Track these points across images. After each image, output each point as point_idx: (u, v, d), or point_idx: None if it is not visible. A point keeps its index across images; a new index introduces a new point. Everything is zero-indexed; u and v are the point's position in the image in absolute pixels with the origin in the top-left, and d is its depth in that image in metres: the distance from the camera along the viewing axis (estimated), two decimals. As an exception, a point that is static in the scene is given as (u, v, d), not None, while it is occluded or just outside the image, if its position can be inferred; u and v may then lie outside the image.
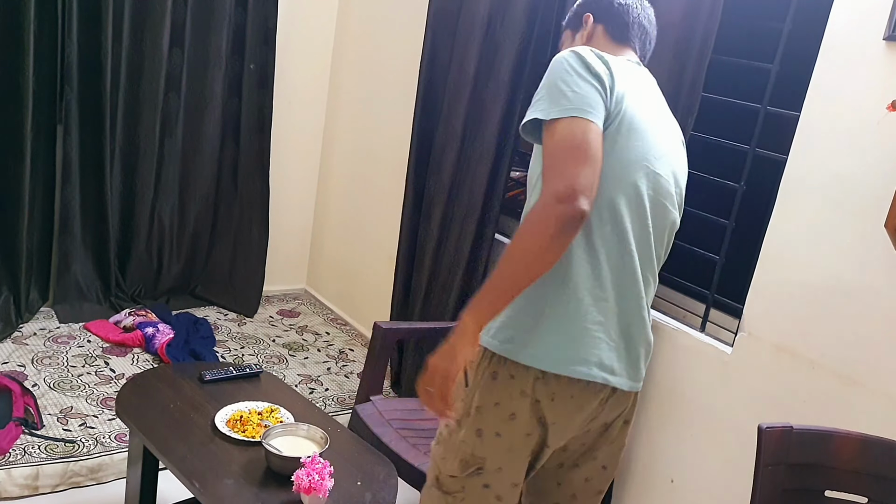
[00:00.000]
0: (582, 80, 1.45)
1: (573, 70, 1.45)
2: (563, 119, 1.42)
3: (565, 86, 1.44)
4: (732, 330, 2.28)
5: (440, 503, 1.59)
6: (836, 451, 1.54)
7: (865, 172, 1.90)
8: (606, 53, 1.53)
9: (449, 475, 1.58)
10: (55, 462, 2.48)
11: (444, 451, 1.58)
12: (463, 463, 1.55)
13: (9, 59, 3.14)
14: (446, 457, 1.58)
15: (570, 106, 1.42)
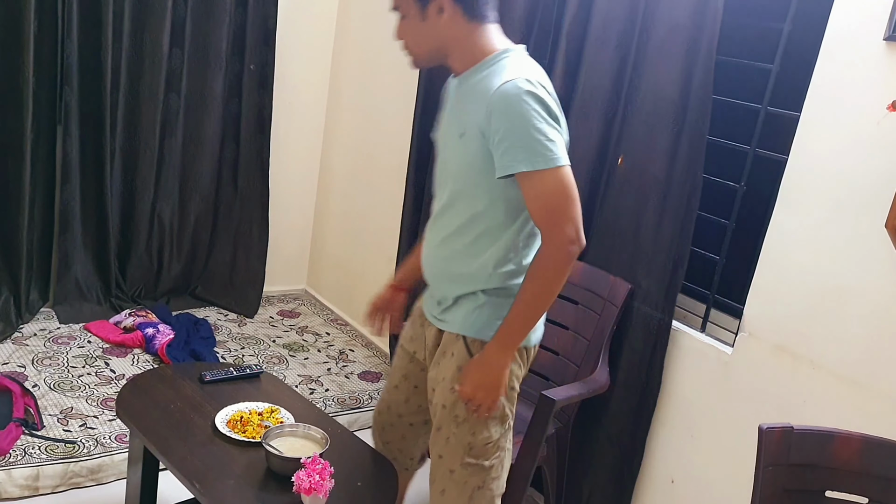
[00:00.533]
0: (551, 128, 1.62)
1: (541, 117, 1.61)
2: (550, 169, 1.60)
3: (541, 135, 1.60)
4: (733, 330, 2.28)
5: (483, 473, 1.83)
6: (837, 451, 1.54)
7: (866, 172, 1.90)
8: (536, 75, 1.66)
9: (484, 444, 1.82)
10: (55, 463, 2.48)
11: (472, 425, 1.80)
12: (497, 423, 1.82)
13: (9, 60, 3.14)
14: (476, 430, 1.80)
15: (554, 156, 1.61)
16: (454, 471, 1.83)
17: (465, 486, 1.83)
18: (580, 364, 2.39)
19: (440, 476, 1.87)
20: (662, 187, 2.33)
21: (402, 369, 2.06)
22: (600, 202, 2.52)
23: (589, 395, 2.30)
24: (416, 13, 1.73)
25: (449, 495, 1.85)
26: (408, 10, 1.74)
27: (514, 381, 1.82)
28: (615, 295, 2.34)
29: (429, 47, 1.77)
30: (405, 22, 1.76)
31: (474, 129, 1.68)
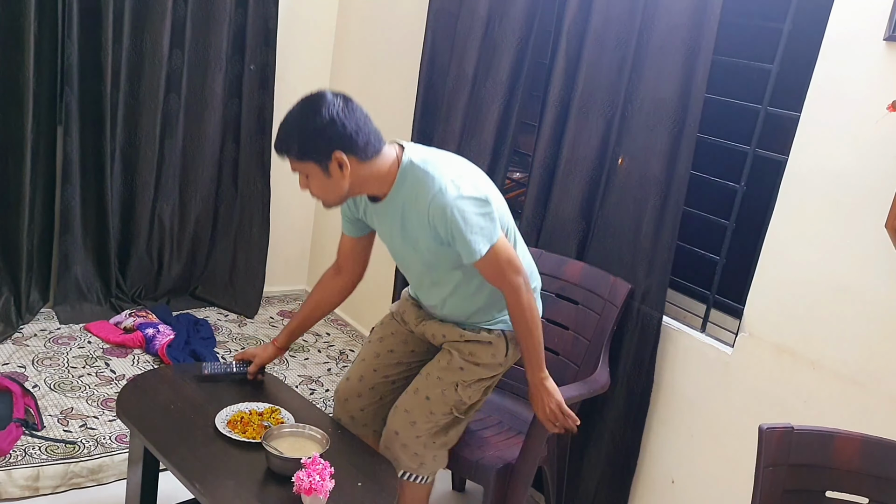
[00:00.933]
0: (479, 216, 1.89)
1: (470, 213, 1.88)
2: (491, 248, 1.91)
3: (477, 228, 1.89)
4: (733, 330, 2.28)
5: (460, 425, 2.15)
6: (837, 451, 1.54)
7: (866, 172, 1.90)
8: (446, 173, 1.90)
9: (470, 405, 2.14)
10: (56, 463, 2.48)
11: (473, 390, 2.12)
12: (487, 389, 2.17)
13: (9, 60, 3.15)
14: (473, 393, 2.13)
15: (490, 237, 1.91)
16: (434, 413, 2.10)
17: (435, 425, 2.10)
18: (580, 364, 2.39)
19: (417, 408, 2.10)
20: (653, 185, 2.34)
21: (389, 328, 2.31)
22: (600, 202, 2.51)
23: (589, 395, 2.30)
24: (319, 173, 1.89)
25: (419, 427, 2.09)
26: (310, 171, 1.90)
27: (500, 359, 2.13)
28: (615, 295, 2.34)
29: (339, 194, 1.95)
30: (312, 181, 1.92)
31: (426, 238, 1.96)
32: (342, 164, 1.87)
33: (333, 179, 1.89)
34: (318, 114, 1.86)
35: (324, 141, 1.86)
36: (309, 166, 1.88)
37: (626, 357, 2.42)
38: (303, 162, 1.88)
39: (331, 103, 1.88)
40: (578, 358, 2.40)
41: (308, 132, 1.86)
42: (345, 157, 1.87)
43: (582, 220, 2.55)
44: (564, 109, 2.57)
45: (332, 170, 1.87)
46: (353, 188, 1.94)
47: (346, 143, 1.87)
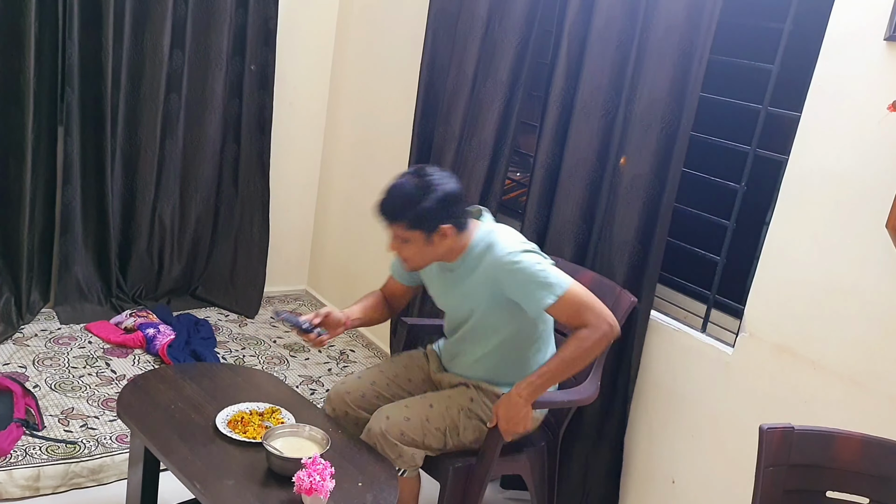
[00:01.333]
0: (543, 261, 2.06)
1: (534, 262, 2.04)
2: (571, 286, 2.03)
3: (545, 263, 2.05)
4: (733, 330, 2.28)
5: (443, 445, 2.16)
6: (838, 451, 1.54)
7: (866, 172, 1.90)
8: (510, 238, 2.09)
9: (461, 440, 2.18)
10: (56, 463, 2.48)
11: (472, 426, 2.18)
12: (481, 437, 2.20)
13: (10, 60, 3.15)
14: (471, 428, 2.18)
15: (563, 277, 2.05)
16: (429, 422, 2.12)
17: (424, 432, 2.11)
18: (576, 375, 2.35)
19: (417, 408, 2.13)
20: (649, 183, 2.35)
21: (416, 360, 2.40)
22: (601, 202, 2.52)
23: (566, 405, 2.30)
24: (422, 241, 2.04)
25: (411, 424, 2.10)
26: (413, 238, 2.04)
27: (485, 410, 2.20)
28: (617, 307, 2.29)
29: (430, 259, 2.11)
30: (409, 245, 2.06)
31: (486, 297, 2.10)
32: (446, 235, 2.04)
33: (433, 247, 2.05)
34: (440, 185, 2.01)
35: (437, 216, 2.01)
36: (415, 235, 2.03)
37: (616, 354, 2.42)
38: (410, 231, 2.02)
39: (444, 180, 2.04)
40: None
41: (428, 205, 1.99)
42: (450, 230, 2.04)
43: (583, 220, 2.55)
44: (566, 110, 2.57)
45: (435, 239, 2.04)
46: (442, 256, 2.10)
47: (457, 219, 2.05)
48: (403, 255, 2.10)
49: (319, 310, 2.20)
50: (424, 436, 2.11)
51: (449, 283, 2.20)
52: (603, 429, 2.50)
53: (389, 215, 2.03)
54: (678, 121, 2.28)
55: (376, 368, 2.38)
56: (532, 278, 2.02)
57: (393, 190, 2.04)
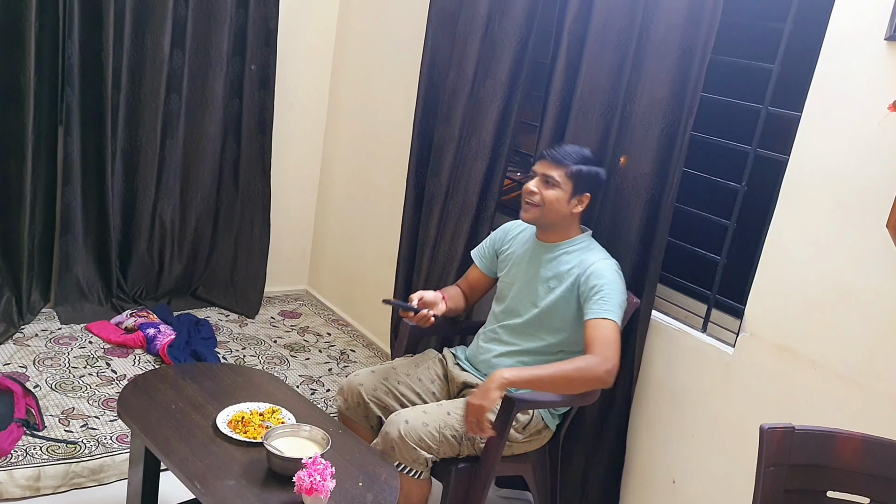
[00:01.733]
0: (622, 294, 2.22)
1: (619, 285, 2.22)
2: (619, 323, 2.17)
3: (622, 298, 2.21)
4: (734, 330, 2.28)
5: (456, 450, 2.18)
6: (838, 451, 1.54)
7: (867, 172, 1.90)
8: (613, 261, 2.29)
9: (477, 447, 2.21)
10: (57, 463, 2.48)
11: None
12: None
13: (10, 60, 3.15)
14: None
15: (621, 313, 2.20)
16: (445, 427, 2.14)
17: (442, 438, 2.12)
18: None
19: (435, 414, 2.14)
20: (649, 183, 2.35)
21: (428, 358, 2.47)
22: (600, 202, 2.51)
23: (566, 405, 2.30)
24: (568, 193, 2.25)
25: (429, 430, 2.11)
26: (563, 186, 2.25)
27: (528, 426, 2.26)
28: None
29: (556, 213, 2.27)
30: (553, 191, 2.25)
31: (562, 289, 2.25)
32: (582, 203, 2.28)
33: (567, 205, 2.26)
34: (601, 164, 2.34)
35: (592, 183, 2.28)
36: (568, 184, 2.24)
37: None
38: (567, 178, 2.24)
39: (603, 167, 2.35)
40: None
41: (594, 169, 2.29)
42: (587, 202, 2.29)
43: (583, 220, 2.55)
44: (565, 109, 2.57)
45: (573, 202, 2.27)
46: (558, 222, 2.29)
47: (594, 198, 2.32)
48: (540, 198, 2.24)
49: (413, 294, 2.35)
50: (440, 443, 2.12)
51: (537, 265, 2.33)
52: (604, 429, 2.50)
53: (562, 156, 2.25)
54: (679, 120, 2.28)
55: (388, 365, 2.40)
56: (608, 292, 2.16)
57: (571, 145, 2.34)
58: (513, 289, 2.39)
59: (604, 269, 2.21)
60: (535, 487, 2.38)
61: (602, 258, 2.26)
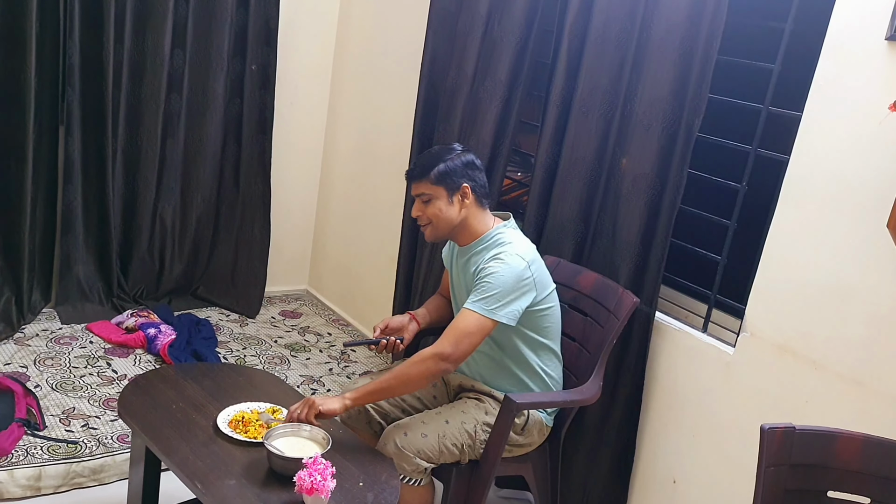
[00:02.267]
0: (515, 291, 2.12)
1: (509, 281, 2.09)
2: (484, 319, 2.09)
3: (503, 290, 2.08)
4: (734, 330, 2.28)
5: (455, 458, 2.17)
6: (839, 451, 1.54)
7: (867, 172, 1.90)
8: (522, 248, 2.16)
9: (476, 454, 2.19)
10: (57, 463, 2.48)
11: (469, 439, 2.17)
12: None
13: (11, 60, 3.15)
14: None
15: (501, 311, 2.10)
16: (445, 437, 2.12)
17: (441, 448, 2.11)
18: (579, 376, 2.36)
19: (433, 424, 2.14)
20: (651, 183, 2.35)
21: None
22: (600, 202, 2.52)
23: (566, 405, 2.30)
24: (445, 198, 2.18)
25: (428, 441, 2.10)
26: (438, 195, 2.18)
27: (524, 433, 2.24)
28: (620, 308, 2.29)
29: (450, 223, 2.20)
30: (432, 205, 2.19)
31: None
32: (466, 196, 2.18)
33: (453, 208, 2.18)
34: (464, 154, 2.22)
35: (461, 173, 2.18)
36: (439, 191, 2.17)
37: (617, 354, 2.41)
38: (436, 186, 2.17)
39: (471, 152, 2.26)
40: (579, 370, 2.36)
41: (452, 163, 2.18)
42: (470, 192, 2.19)
43: (581, 219, 2.56)
44: (566, 109, 2.57)
45: (455, 199, 2.18)
46: (457, 226, 2.21)
47: (475, 183, 2.21)
48: (426, 217, 2.20)
49: (378, 323, 2.34)
50: (441, 453, 2.11)
51: (460, 269, 2.29)
52: (605, 429, 2.49)
53: (418, 172, 2.19)
54: (680, 120, 2.28)
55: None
56: (488, 285, 2.09)
57: (422, 154, 2.28)
58: (453, 295, 2.39)
59: (495, 262, 2.11)
60: (535, 487, 2.38)
61: (504, 251, 2.13)
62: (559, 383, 2.32)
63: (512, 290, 2.09)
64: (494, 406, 2.21)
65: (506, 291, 2.08)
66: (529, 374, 2.25)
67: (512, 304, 2.09)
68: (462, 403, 2.25)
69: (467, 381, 2.33)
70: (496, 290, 2.08)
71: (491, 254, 2.16)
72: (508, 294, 2.08)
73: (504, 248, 2.15)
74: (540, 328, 2.23)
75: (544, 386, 2.27)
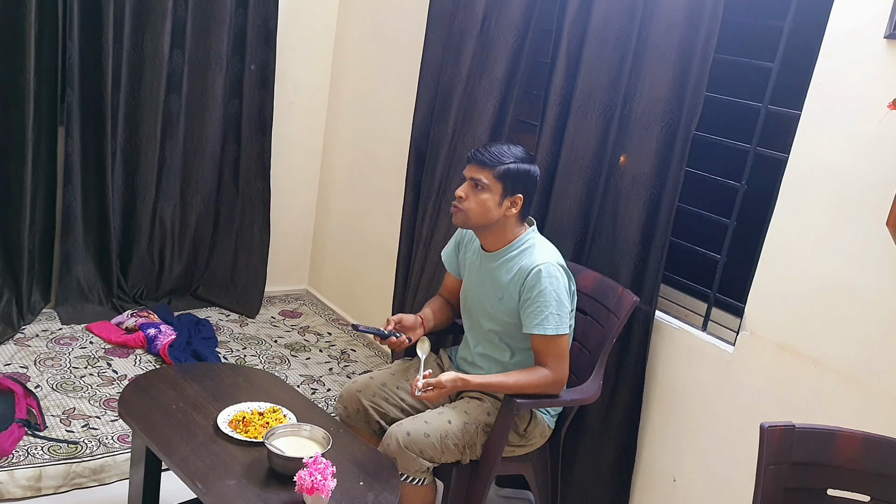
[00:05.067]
0: (561, 303, 2.15)
1: (558, 296, 2.14)
2: (564, 335, 2.17)
3: (560, 301, 2.14)
4: (734, 329, 2.28)
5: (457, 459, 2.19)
6: (839, 449, 1.54)
7: (866, 171, 1.90)
8: (555, 257, 2.21)
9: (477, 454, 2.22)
10: (58, 463, 2.48)
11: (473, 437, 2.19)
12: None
13: (10, 61, 3.15)
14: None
15: (564, 322, 2.17)
16: (447, 437, 2.13)
17: (443, 448, 2.12)
18: (579, 376, 2.36)
19: (435, 424, 2.13)
20: (649, 182, 2.35)
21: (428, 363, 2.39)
22: (599, 200, 2.52)
23: (567, 404, 2.30)
24: (497, 195, 2.16)
25: (430, 441, 2.10)
26: (491, 188, 2.16)
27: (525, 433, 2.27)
28: (620, 307, 2.29)
29: (485, 219, 2.18)
30: (480, 194, 2.16)
31: (508, 298, 2.19)
32: (515, 205, 2.18)
33: (498, 208, 2.17)
34: (532, 164, 2.21)
35: (522, 183, 2.17)
36: (496, 186, 2.15)
37: (617, 353, 2.42)
38: (496, 180, 2.15)
39: (536, 164, 2.25)
40: (579, 370, 2.36)
41: (520, 167, 2.17)
42: (521, 203, 2.18)
43: (581, 218, 2.56)
44: (565, 108, 2.57)
45: (505, 202, 2.17)
46: (490, 226, 2.20)
47: (528, 198, 2.21)
48: (467, 203, 2.17)
49: (391, 317, 2.33)
50: (443, 453, 2.12)
51: (485, 274, 2.27)
52: (605, 428, 2.50)
53: (487, 158, 2.15)
54: (679, 119, 2.28)
55: (387, 370, 2.39)
56: (544, 304, 2.12)
57: (498, 145, 2.21)
58: (469, 298, 2.36)
59: (541, 274, 2.13)
60: (535, 486, 2.38)
61: (540, 261, 2.15)
62: None
63: (564, 300, 2.16)
64: (496, 406, 2.21)
65: (561, 303, 2.14)
66: None
67: (566, 311, 2.17)
68: (464, 403, 2.25)
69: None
70: (553, 307, 2.13)
71: (529, 264, 2.16)
72: (563, 305, 2.15)
73: (538, 256, 2.17)
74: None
75: None
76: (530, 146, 2.77)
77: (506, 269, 2.21)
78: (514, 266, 2.19)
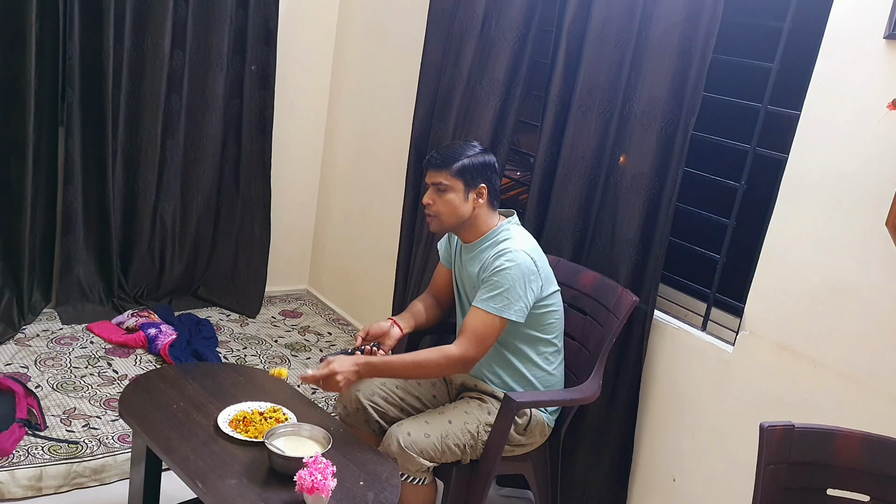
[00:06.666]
0: (524, 288, 2.14)
1: (523, 276, 2.13)
2: (498, 318, 2.14)
3: (514, 288, 2.11)
4: (734, 329, 2.28)
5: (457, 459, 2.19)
6: (838, 449, 1.55)
7: (866, 171, 1.90)
8: (525, 244, 2.20)
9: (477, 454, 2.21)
10: (58, 463, 2.49)
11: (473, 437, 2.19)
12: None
13: (11, 61, 3.15)
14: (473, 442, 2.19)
15: (511, 309, 2.14)
16: (447, 436, 2.13)
17: (444, 448, 2.13)
18: (579, 375, 2.36)
19: (436, 424, 2.14)
20: (648, 182, 2.35)
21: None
22: (599, 200, 2.52)
23: (566, 403, 2.30)
24: (461, 192, 2.19)
25: (431, 441, 2.11)
26: (454, 187, 2.19)
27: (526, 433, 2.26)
28: (619, 306, 2.29)
29: (458, 218, 2.22)
30: (446, 196, 2.19)
31: (477, 284, 2.20)
32: (481, 195, 2.21)
33: (466, 206, 2.20)
34: (485, 154, 2.24)
35: (480, 172, 2.21)
36: (456, 184, 2.19)
37: (617, 353, 2.42)
38: (454, 178, 2.18)
39: (491, 153, 2.28)
40: (578, 369, 2.37)
41: (473, 160, 2.20)
42: (486, 192, 2.21)
43: (581, 218, 2.56)
44: (565, 108, 2.58)
45: (470, 196, 2.20)
46: (464, 222, 2.22)
47: (491, 185, 2.23)
48: (436, 208, 2.20)
49: (359, 332, 2.34)
50: (443, 453, 2.12)
51: (465, 265, 2.29)
52: (605, 427, 2.50)
53: (439, 162, 2.20)
54: (678, 119, 2.29)
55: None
56: (497, 283, 2.12)
57: (444, 146, 2.32)
58: (458, 291, 2.38)
59: (501, 260, 2.13)
60: (535, 485, 2.38)
61: (508, 248, 2.15)
62: (560, 378, 2.32)
63: (519, 287, 2.12)
64: (496, 406, 2.21)
65: (514, 288, 2.11)
66: (528, 365, 2.26)
67: (520, 300, 2.12)
68: (465, 403, 2.25)
69: (470, 381, 2.33)
70: (504, 288, 2.11)
71: (496, 250, 2.17)
72: (516, 291, 2.11)
73: (508, 244, 2.17)
74: (542, 325, 2.24)
75: (544, 377, 2.28)
76: (532, 146, 2.77)
77: (478, 260, 2.23)
78: (485, 257, 2.21)
